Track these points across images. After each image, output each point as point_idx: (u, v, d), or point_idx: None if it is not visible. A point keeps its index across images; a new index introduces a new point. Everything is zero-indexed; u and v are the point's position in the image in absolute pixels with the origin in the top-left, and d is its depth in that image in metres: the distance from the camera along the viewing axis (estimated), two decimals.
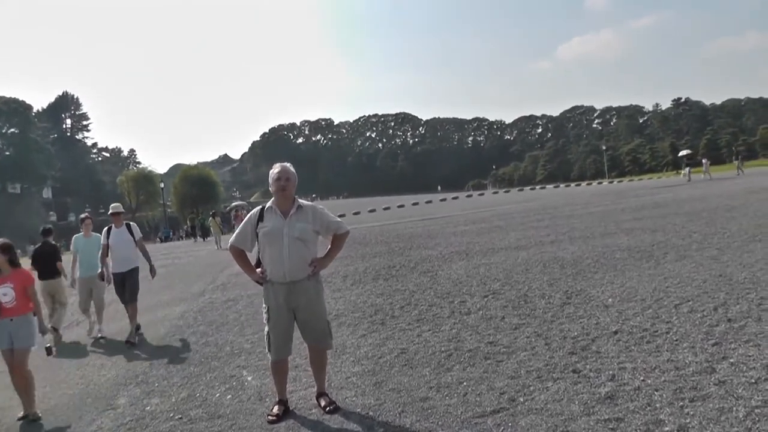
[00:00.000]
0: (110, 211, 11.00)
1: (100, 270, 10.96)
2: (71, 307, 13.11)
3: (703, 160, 53.43)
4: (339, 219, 5.90)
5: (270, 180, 5.62)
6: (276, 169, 5.62)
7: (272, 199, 5.65)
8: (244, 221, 5.80)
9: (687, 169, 50.20)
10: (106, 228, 10.86)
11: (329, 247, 5.83)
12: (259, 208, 5.74)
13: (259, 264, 5.69)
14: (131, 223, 11.06)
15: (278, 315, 5.55)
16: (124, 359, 9.01)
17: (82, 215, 12.26)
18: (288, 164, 5.70)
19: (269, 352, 5.68)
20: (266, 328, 5.65)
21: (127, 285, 10.55)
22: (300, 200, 5.68)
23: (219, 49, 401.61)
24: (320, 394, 5.80)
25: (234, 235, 5.84)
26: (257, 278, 5.67)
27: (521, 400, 5.20)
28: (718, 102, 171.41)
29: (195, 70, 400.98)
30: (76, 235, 11.78)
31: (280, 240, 5.44)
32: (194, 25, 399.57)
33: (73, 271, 11.55)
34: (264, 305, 5.68)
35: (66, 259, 11.80)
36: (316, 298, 5.65)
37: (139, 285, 10.79)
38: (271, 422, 5.47)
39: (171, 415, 6.03)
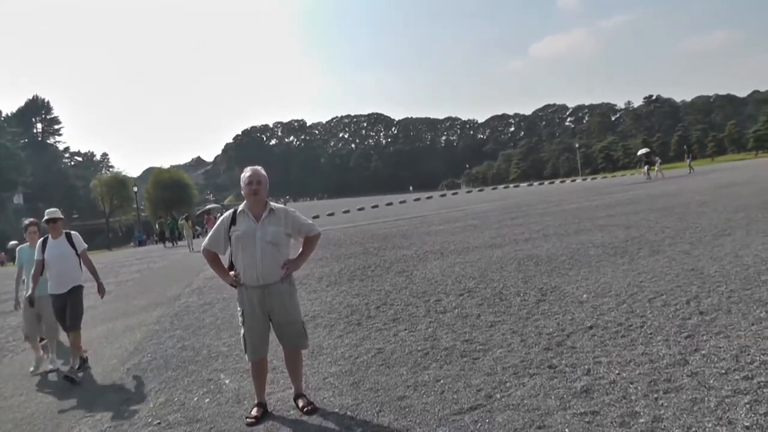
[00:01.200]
0: (44, 218, 8.74)
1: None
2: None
3: (656, 159, 54.03)
4: (310, 221, 5.90)
5: (242, 184, 5.62)
6: (247, 173, 5.62)
7: (244, 202, 5.66)
8: (216, 224, 5.78)
9: (646, 167, 50.92)
10: (41, 240, 8.85)
11: (301, 249, 5.83)
12: (231, 211, 5.75)
13: (232, 267, 5.68)
14: (72, 232, 8.95)
15: (252, 317, 5.56)
16: (100, 366, 8.93)
17: (27, 220, 9.95)
18: (259, 168, 5.70)
19: (246, 353, 5.69)
20: (242, 331, 5.67)
21: (68, 308, 8.50)
22: (272, 203, 5.69)
23: (191, 51, 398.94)
24: (298, 396, 5.80)
25: (207, 238, 5.81)
26: (231, 281, 5.65)
27: (498, 396, 5.23)
28: (689, 99, 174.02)
29: (167, 73, 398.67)
30: (21, 245, 9.91)
31: (252, 244, 5.45)
32: (167, 28, 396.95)
33: (18, 289, 9.89)
34: (239, 308, 5.68)
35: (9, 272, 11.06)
36: (289, 300, 5.65)
37: (82, 308, 8.76)
38: (249, 425, 5.46)
39: (149, 420, 6.01)
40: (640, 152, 72.15)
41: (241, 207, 5.66)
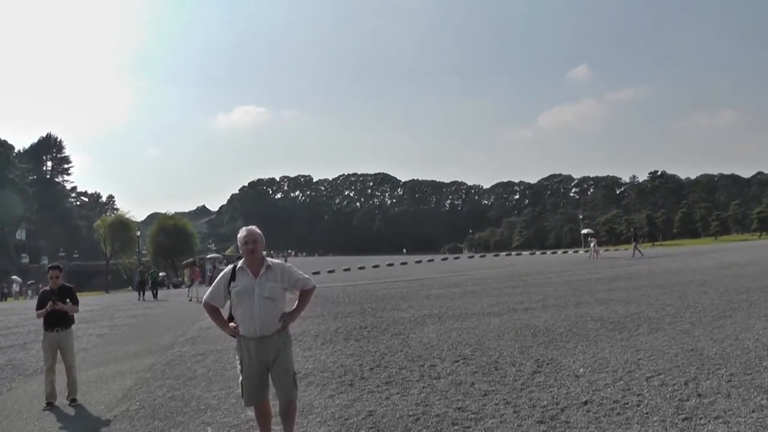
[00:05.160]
0: None
1: None
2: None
3: (591, 240, 54.34)
4: (306, 275, 6.12)
5: (239, 243, 5.89)
6: (243, 233, 5.91)
7: (243, 259, 5.88)
8: (217, 279, 6.03)
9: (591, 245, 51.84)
10: None
11: (297, 302, 6.02)
12: (231, 267, 5.99)
13: (232, 318, 5.87)
14: None
15: (250, 366, 5.73)
16: (86, 412, 8.81)
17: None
18: (254, 227, 5.99)
19: (243, 398, 5.86)
20: (240, 378, 5.84)
21: None
22: (269, 259, 5.93)
23: (204, 101, 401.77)
24: None
25: (207, 292, 6.03)
26: (230, 332, 5.85)
27: None
28: (693, 177, 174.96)
29: (176, 120, 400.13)
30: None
31: (250, 299, 5.66)
32: (178, 71, 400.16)
33: None
34: (237, 357, 5.87)
35: None
36: (284, 351, 5.81)
37: None
38: None
39: None
40: (583, 231, 73.08)
41: (240, 263, 5.90)
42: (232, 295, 5.78)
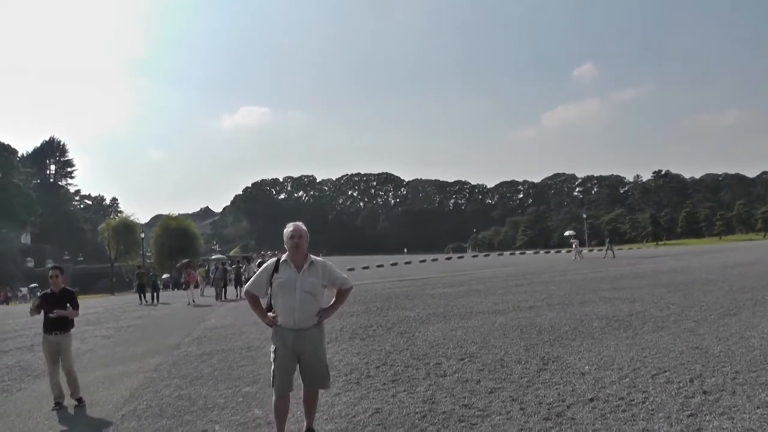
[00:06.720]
0: None
1: None
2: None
3: (573, 242, 54.45)
4: (345, 276, 6.48)
5: (285, 238, 6.19)
6: (290, 228, 6.22)
7: (286, 253, 6.16)
8: (260, 270, 6.31)
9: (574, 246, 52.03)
10: None
11: (334, 299, 6.37)
12: (275, 259, 6.30)
13: (269, 308, 6.16)
14: None
15: (284, 356, 6.02)
16: (94, 411, 8.85)
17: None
18: (300, 223, 6.28)
19: (273, 387, 6.12)
20: (272, 367, 6.09)
21: None
22: (312, 256, 6.23)
23: (204, 101, 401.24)
24: (309, 430, 6.29)
25: (250, 282, 6.34)
26: (268, 321, 6.14)
27: None
28: (697, 176, 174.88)
29: (179, 122, 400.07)
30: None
31: (292, 292, 5.98)
32: (181, 72, 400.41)
33: None
34: (272, 346, 6.15)
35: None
36: (319, 344, 6.16)
37: None
38: None
39: None
40: (566, 233, 73.08)
41: (283, 257, 6.21)
42: (274, 286, 6.06)
